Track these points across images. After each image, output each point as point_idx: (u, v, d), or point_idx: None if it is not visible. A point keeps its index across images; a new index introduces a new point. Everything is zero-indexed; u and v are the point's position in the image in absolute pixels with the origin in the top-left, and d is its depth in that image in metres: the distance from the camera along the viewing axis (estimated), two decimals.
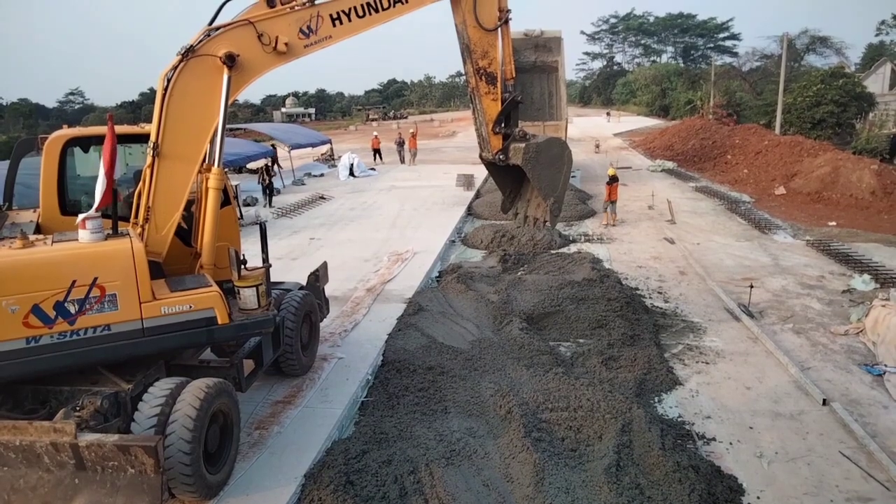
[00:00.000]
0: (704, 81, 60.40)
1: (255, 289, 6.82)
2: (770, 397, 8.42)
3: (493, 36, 8.55)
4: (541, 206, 9.83)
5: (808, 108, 36.43)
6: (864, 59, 73.20)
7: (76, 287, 5.70)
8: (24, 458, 5.39)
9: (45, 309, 5.59)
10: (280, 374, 8.58)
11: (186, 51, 6.46)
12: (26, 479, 5.44)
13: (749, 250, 15.77)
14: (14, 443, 5.35)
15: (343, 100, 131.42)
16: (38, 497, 5.42)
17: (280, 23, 6.86)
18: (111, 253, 5.91)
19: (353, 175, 30.72)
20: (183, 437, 5.64)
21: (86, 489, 5.36)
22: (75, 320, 5.73)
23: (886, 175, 22.10)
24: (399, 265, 14.32)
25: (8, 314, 5.46)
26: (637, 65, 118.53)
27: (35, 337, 5.60)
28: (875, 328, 9.95)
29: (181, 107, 6.52)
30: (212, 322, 6.33)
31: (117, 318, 5.90)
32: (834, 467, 6.85)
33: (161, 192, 6.57)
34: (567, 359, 9.54)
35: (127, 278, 5.91)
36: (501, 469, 6.58)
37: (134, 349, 6.04)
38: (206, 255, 6.93)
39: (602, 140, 42.85)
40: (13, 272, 5.53)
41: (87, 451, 5.27)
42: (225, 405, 6.28)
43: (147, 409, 5.76)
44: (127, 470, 5.28)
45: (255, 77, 6.95)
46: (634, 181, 27.11)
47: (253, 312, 6.79)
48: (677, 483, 6.18)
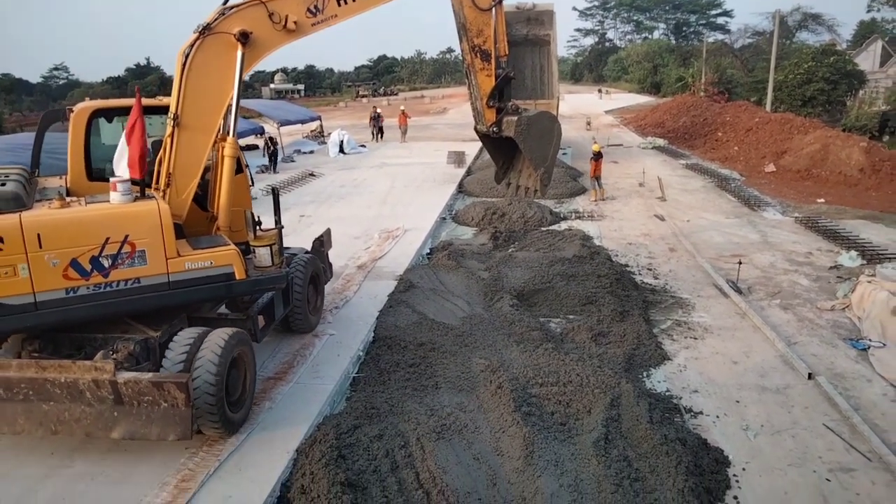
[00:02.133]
0: (696, 58, 60.14)
1: (269, 248, 7.52)
2: (757, 371, 8.54)
3: (488, 15, 9.09)
4: (532, 176, 10.50)
5: (799, 86, 36.45)
6: (856, 36, 73.07)
7: (109, 243, 6.33)
8: (68, 394, 6.04)
9: (82, 263, 6.22)
10: (274, 342, 8.69)
11: (203, 29, 7.00)
12: (70, 413, 6.09)
13: (738, 227, 15.86)
14: (59, 380, 6.00)
15: (333, 76, 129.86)
16: (81, 428, 6.12)
17: (290, 2, 7.38)
18: (140, 213, 6.52)
19: (343, 152, 30.49)
20: (208, 377, 6.28)
21: (123, 421, 6.04)
22: (109, 273, 6.37)
23: (875, 152, 22.20)
24: (390, 242, 14.31)
25: (50, 267, 6.08)
26: (629, 41, 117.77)
27: (73, 288, 6.23)
28: (861, 304, 10.08)
29: (199, 81, 7.07)
30: (230, 277, 6.99)
31: (146, 273, 6.54)
32: (818, 439, 6.98)
33: (181, 159, 7.15)
34: (557, 335, 9.61)
35: (154, 236, 6.53)
36: (492, 443, 6.65)
37: (160, 301, 6.71)
38: (222, 218, 7.59)
39: (593, 117, 42.70)
40: (54, 229, 6.12)
41: (125, 387, 5.94)
42: (243, 352, 6.94)
43: (175, 353, 6.42)
44: (160, 404, 5.95)
45: (267, 53, 7.51)
46: (625, 158, 27.10)
47: (267, 269, 7.50)
48: (664, 455, 6.28)
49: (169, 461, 6.34)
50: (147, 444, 6.64)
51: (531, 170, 10.44)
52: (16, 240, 5.94)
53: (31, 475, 6.22)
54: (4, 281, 5.95)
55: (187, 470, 6.19)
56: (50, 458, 6.47)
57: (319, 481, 5.86)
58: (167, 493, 5.87)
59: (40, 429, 6.20)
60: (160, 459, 6.38)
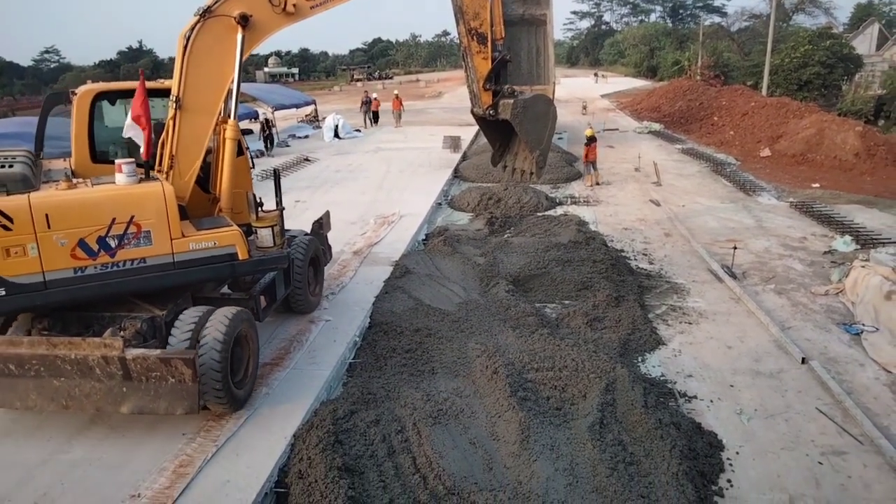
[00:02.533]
0: (693, 42, 59.85)
1: (270, 229, 7.74)
2: (751, 356, 8.59)
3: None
4: (527, 158, 10.65)
5: (795, 70, 36.33)
6: (853, 19, 72.75)
7: (116, 224, 6.45)
8: (78, 370, 6.21)
9: (89, 243, 6.36)
10: (270, 328, 8.73)
11: (204, 11, 7.05)
12: (80, 388, 6.29)
13: (733, 212, 15.89)
14: (70, 356, 6.17)
15: (327, 59, 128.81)
16: (91, 403, 6.32)
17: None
18: (145, 194, 6.64)
19: (338, 137, 30.33)
20: (213, 354, 6.47)
21: (132, 396, 6.24)
22: (115, 253, 6.50)
23: (870, 137, 22.19)
24: (386, 228, 14.28)
25: (58, 247, 6.22)
26: (625, 24, 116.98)
27: (81, 267, 6.38)
28: (854, 288, 10.13)
29: (200, 63, 7.14)
30: (233, 257, 7.15)
31: (152, 252, 6.68)
32: (811, 423, 7.05)
33: (183, 141, 7.22)
34: (552, 320, 9.64)
35: (159, 217, 6.66)
36: (487, 427, 6.70)
37: (166, 280, 6.85)
38: (224, 200, 7.66)
39: (589, 101, 42.52)
40: (62, 210, 6.24)
41: (134, 363, 6.12)
42: (246, 330, 7.12)
43: (181, 331, 6.60)
44: (168, 379, 6.15)
45: (266, 36, 7.58)
46: (621, 143, 27.04)
47: (269, 250, 7.70)
48: (659, 439, 6.33)
49: (167, 447, 6.37)
50: (144, 429, 6.68)
51: (527, 152, 10.56)
52: (25, 220, 6.07)
53: (28, 461, 6.24)
54: (14, 260, 6.09)
55: (185, 455, 6.22)
56: (48, 444, 6.50)
57: (317, 466, 5.90)
58: (165, 478, 5.90)
59: (52, 404, 6.37)
60: (158, 445, 6.40)
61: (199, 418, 6.82)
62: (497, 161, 11.52)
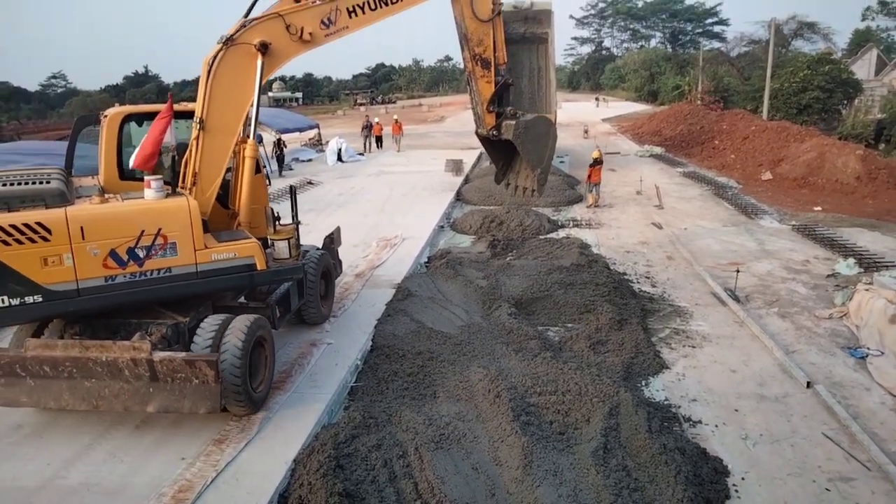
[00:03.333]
0: (693, 67, 60.41)
1: (287, 241, 8.23)
2: (755, 380, 8.52)
3: (488, 26, 9.83)
4: (529, 176, 11.23)
5: (795, 94, 36.59)
6: (851, 45, 73.47)
7: (144, 236, 6.89)
8: (108, 372, 6.62)
9: (119, 253, 6.78)
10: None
11: (227, 40, 7.56)
12: (110, 389, 6.68)
13: (736, 235, 15.89)
14: (101, 359, 6.58)
15: (331, 84, 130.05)
16: (119, 402, 6.69)
17: (305, 15, 7.99)
18: (172, 208, 7.11)
19: (341, 160, 30.53)
20: (233, 358, 6.84)
21: (158, 396, 6.62)
22: (143, 263, 6.92)
23: (871, 160, 22.28)
24: (388, 250, 14.30)
25: (91, 257, 6.64)
26: (626, 50, 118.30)
27: (112, 276, 6.80)
28: (858, 312, 10.08)
29: (222, 88, 7.60)
30: (252, 268, 7.58)
31: (177, 263, 7.10)
32: (817, 448, 6.96)
33: (205, 160, 7.65)
34: (555, 343, 9.59)
35: (184, 229, 7.10)
36: (490, 452, 6.62)
37: (189, 289, 7.30)
38: (243, 214, 8.10)
39: (590, 125, 42.81)
40: (95, 222, 6.69)
41: (160, 364, 6.52)
42: (264, 336, 7.56)
43: (203, 337, 7.01)
44: (192, 380, 6.55)
45: (284, 62, 8.12)
46: (623, 166, 27.16)
47: (285, 261, 8.19)
48: (664, 465, 6.25)
49: (166, 472, 6.30)
50: (143, 453, 6.64)
51: (529, 171, 11.09)
52: (62, 232, 6.49)
53: (27, 486, 6.17)
54: (51, 269, 6.49)
55: (184, 480, 6.15)
56: (46, 469, 6.43)
57: (317, 492, 5.82)
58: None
59: (83, 403, 6.74)
60: (157, 470, 6.34)
61: (200, 442, 6.77)
62: (500, 179, 12.00)
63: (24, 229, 6.33)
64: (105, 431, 7.10)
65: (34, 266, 6.41)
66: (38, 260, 6.41)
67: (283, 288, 8.75)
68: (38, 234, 6.38)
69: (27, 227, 6.35)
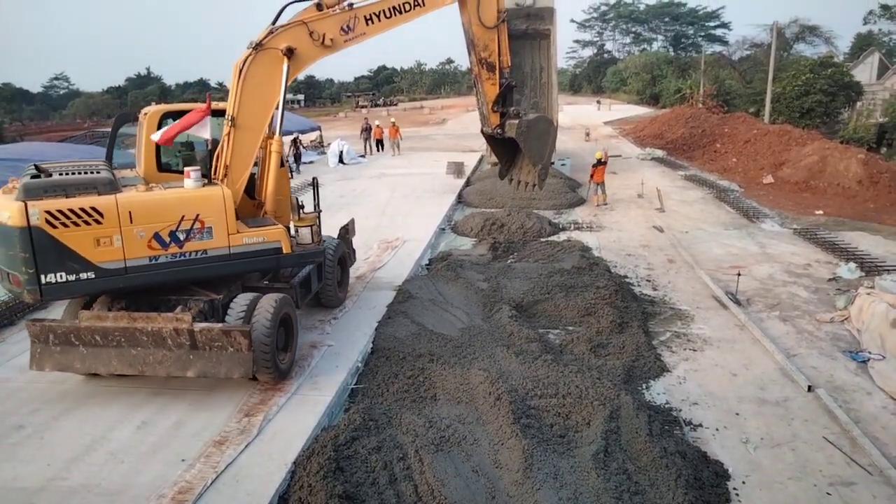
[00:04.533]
0: (694, 70, 60.40)
1: (310, 228, 9.05)
2: (756, 384, 8.51)
3: (493, 32, 10.59)
4: (531, 171, 12.07)
5: (797, 98, 36.58)
6: (853, 48, 73.49)
7: (184, 220, 7.64)
8: (153, 340, 7.49)
9: (162, 236, 7.54)
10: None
11: (256, 45, 8.28)
12: (154, 356, 7.52)
13: (737, 238, 15.88)
14: (147, 329, 7.45)
15: (332, 86, 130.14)
16: (162, 368, 7.54)
17: (327, 22, 8.73)
18: (209, 196, 7.86)
19: (342, 162, 30.54)
20: (263, 330, 7.63)
21: (197, 362, 7.48)
22: (183, 245, 7.67)
23: (873, 164, 22.25)
24: (389, 253, 14.30)
25: (138, 238, 7.41)
26: (628, 53, 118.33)
27: (155, 256, 7.56)
28: (860, 316, 10.07)
29: (251, 89, 8.32)
30: (279, 251, 8.36)
31: (212, 245, 7.86)
32: (818, 453, 6.95)
33: (236, 154, 8.36)
34: (556, 346, 9.58)
35: (219, 215, 7.86)
36: (490, 455, 6.62)
37: (223, 269, 8.08)
38: (269, 204, 8.81)
39: (592, 128, 42.83)
40: (142, 208, 7.45)
41: (200, 334, 7.40)
42: (289, 313, 8.33)
43: (236, 312, 7.81)
44: (228, 349, 7.40)
45: (307, 65, 8.90)
46: (624, 169, 27.15)
47: (308, 246, 9.00)
48: (664, 469, 6.25)
49: (166, 473, 6.31)
50: (144, 455, 6.64)
51: (530, 166, 11.93)
52: (113, 216, 7.24)
53: (27, 487, 6.18)
54: (103, 249, 7.25)
55: (184, 482, 6.15)
56: (46, 470, 6.44)
57: (317, 494, 5.82)
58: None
59: (130, 369, 7.60)
60: (157, 472, 6.34)
61: (200, 444, 6.78)
62: (504, 174, 12.89)
63: (81, 213, 7.08)
64: (106, 432, 7.11)
65: (88, 246, 7.16)
66: (92, 241, 7.17)
67: (305, 271, 9.63)
68: (92, 217, 7.13)
69: (83, 211, 7.09)
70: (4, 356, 9.34)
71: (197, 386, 8.18)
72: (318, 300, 10.43)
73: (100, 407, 7.71)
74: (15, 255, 6.96)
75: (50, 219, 6.92)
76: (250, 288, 8.82)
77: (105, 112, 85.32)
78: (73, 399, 7.92)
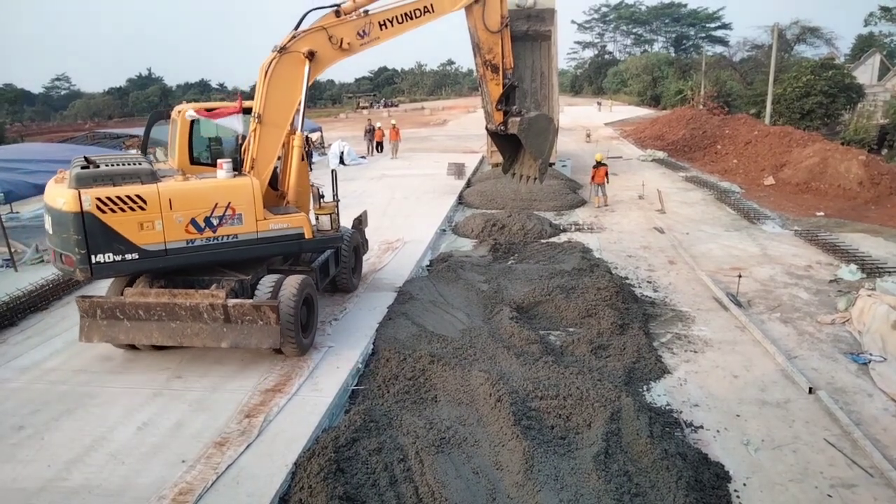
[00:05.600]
0: (695, 71, 60.37)
1: (329, 216, 9.89)
2: (757, 385, 8.50)
3: (497, 36, 11.29)
4: (532, 166, 12.62)
5: (798, 99, 36.55)
6: (854, 50, 73.43)
7: (217, 207, 8.48)
8: (190, 315, 8.32)
9: (198, 221, 8.38)
10: (272, 356, 8.71)
11: (280, 49, 9.00)
12: (191, 329, 8.36)
13: (738, 240, 15.87)
14: (185, 304, 8.27)
15: (333, 87, 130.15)
16: (199, 340, 8.37)
17: (344, 28, 9.48)
18: (240, 185, 8.70)
19: (343, 163, 30.52)
20: (289, 307, 8.44)
21: (230, 334, 8.29)
22: (216, 229, 8.51)
23: (874, 166, 22.22)
24: (389, 254, 14.30)
25: (176, 223, 8.23)
26: (628, 54, 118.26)
27: (192, 240, 8.38)
28: (861, 317, 10.06)
29: (276, 88, 9.04)
30: (301, 236, 9.22)
31: (242, 230, 8.70)
32: (819, 454, 6.94)
33: (261, 148, 9.12)
34: (557, 348, 9.57)
35: (249, 203, 8.69)
36: (491, 457, 6.61)
37: (252, 252, 8.91)
38: (291, 194, 9.67)
39: (592, 129, 42.82)
40: (180, 196, 8.27)
41: (233, 309, 8.22)
42: (310, 293, 9.16)
43: (263, 290, 8.66)
44: (258, 322, 8.23)
45: (326, 67, 9.57)
46: (625, 171, 27.14)
47: (327, 232, 9.87)
48: (665, 470, 6.24)
49: (167, 474, 6.31)
50: (144, 455, 6.63)
51: (531, 161, 12.51)
52: (155, 203, 8.05)
53: (27, 488, 6.18)
54: (146, 233, 8.06)
55: (185, 483, 6.15)
56: (46, 470, 6.44)
57: (318, 495, 5.82)
58: None
59: (169, 340, 8.43)
60: (158, 472, 6.34)
61: (200, 445, 6.78)
62: (507, 169, 13.34)
63: (127, 200, 7.89)
64: (106, 433, 7.11)
65: (133, 230, 7.96)
66: (137, 225, 7.99)
67: (323, 257, 10.55)
68: (136, 204, 7.94)
69: (129, 199, 7.90)
70: (5, 357, 9.34)
71: (198, 387, 8.18)
72: (334, 286, 11.36)
73: (100, 408, 7.71)
74: (68, 237, 7.77)
75: (100, 205, 7.73)
76: (275, 271, 9.66)
77: (106, 113, 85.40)
78: (73, 400, 7.93)
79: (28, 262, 14.05)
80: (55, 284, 11.97)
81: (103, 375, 8.61)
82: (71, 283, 11.99)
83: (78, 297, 8.65)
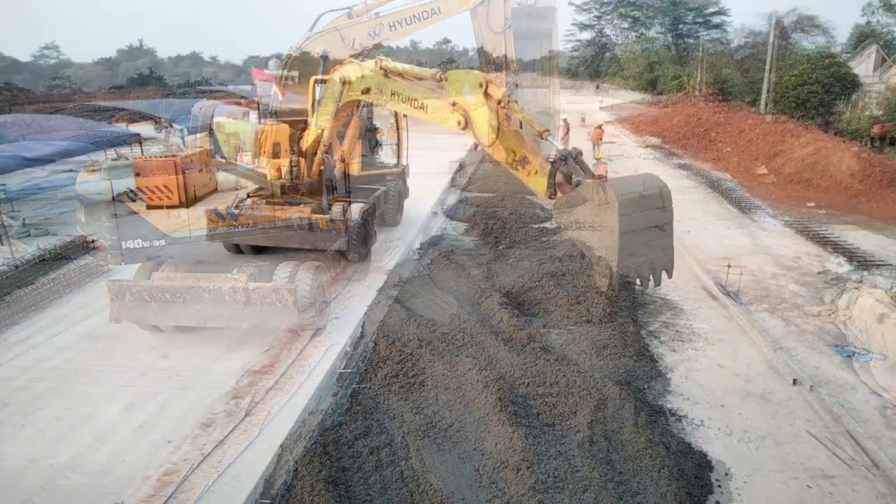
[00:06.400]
0: (693, 58, 60.03)
1: (341, 207, 10.29)
2: (742, 376, 8.57)
3: (500, 37, 12.30)
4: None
5: (794, 88, 36.47)
6: (850, 39, 73.22)
7: (238, 198, 9.47)
8: (213, 297, 8.72)
9: (220, 211, 9.23)
10: (261, 338, 8.76)
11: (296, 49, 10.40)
12: (214, 310, 8.74)
13: (729, 230, 15.90)
14: (209, 287, 8.71)
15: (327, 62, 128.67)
16: (221, 321, 8.78)
17: (356, 29, 10.58)
18: (259, 177, 9.68)
19: None
20: (305, 289, 8.97)
21: (251, 316, 8.70)
22: (237, 218, 9.29)
23: (868, 159, 22.27)
24: (380, 237, 14.21)
25: (200, 213, 9.06)
26: (626, 38, 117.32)
27: (214, 228, 9.21)
28: (848, 310, 10.14)
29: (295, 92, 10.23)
30: (316, 225, 9.77)
31: (261, 219, 9.38)
32: (801, 446, 7.02)
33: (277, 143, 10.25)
34: (545, 335, 9.59)
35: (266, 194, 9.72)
36: (477, 442, 6.65)
37: (269, 239, 9.58)
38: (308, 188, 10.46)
39: (587, 114, 42.51)
40: (203, 187, 9.33)
41: (253, 291, 8.67)
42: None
43: (281, 274, 9.21)
44: (276, 304, 8.65)
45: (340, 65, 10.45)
46: (621, 161, 27.08)
47: (339, 222, 10.15)
48: (649, 459, 6.30)
49: (153, 455, 6.31)
50: (131, 435, 6.63)
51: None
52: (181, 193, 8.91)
53: (12, 466, 6.16)
54: (172, 221, 8.89)
55: (170, 464, 6.16)
56: (32, 449, 6.42)
57: (303, 478, 5.85)
58: (149, 486, 5.85)
59: (194, 321, 8.84)
60: (144, 453, 6.34)
61: (187, 426, 6.78)
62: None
63: (155, 190, 8.75)
64: (92, 412, 7.09)
65: (160, 218, 8.76)
66: (164, 213, 8.80)
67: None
68: (164, 194, 8.80)
69: (157, 189, 8.75)
70: None
71: (185, 367, 8.16)
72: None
73: (86, 386, 7.69)
74: (101, 224, 8.58)
75: (130, 194, 8.55)
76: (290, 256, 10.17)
77: (96, 84, 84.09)
78: (58, 378, 7.89)
79: (15, 236, 13.90)
80: (40, 259, 11.85)
81: (89, 354, 8.59)
82: (59, 258, 11.89)
83: (108, 280, 9.00)
